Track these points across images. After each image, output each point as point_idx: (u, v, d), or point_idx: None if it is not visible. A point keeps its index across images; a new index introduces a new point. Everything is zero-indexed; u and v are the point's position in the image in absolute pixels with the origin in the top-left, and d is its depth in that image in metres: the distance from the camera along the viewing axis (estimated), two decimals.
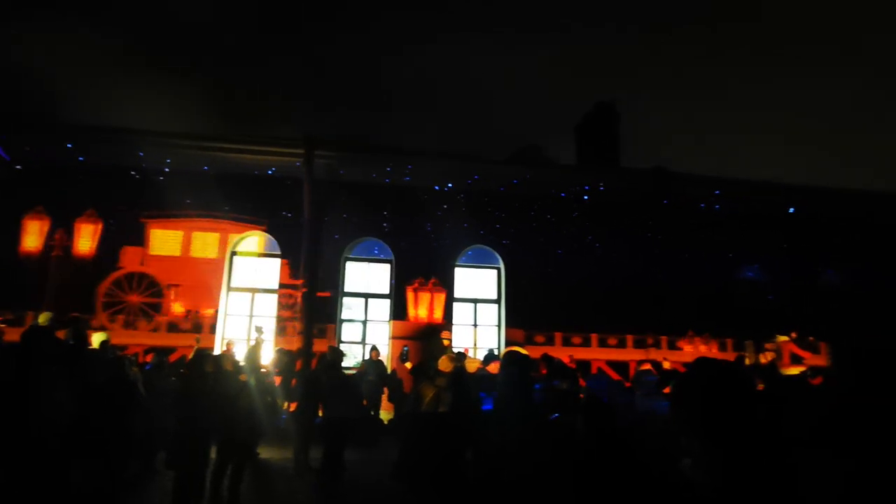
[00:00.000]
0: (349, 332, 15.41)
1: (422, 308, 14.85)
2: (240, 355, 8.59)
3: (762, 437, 1.57)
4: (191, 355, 6.82)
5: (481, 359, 10.50)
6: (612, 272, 15.58)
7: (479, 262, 16.26)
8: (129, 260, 13.97)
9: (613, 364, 14.85)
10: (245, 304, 15.09)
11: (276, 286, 14.86)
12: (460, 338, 15.32)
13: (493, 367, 8.07)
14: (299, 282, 14.08)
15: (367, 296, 15.69)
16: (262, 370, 7.88)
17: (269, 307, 14.86)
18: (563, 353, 12.38)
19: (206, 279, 14.38)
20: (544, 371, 6.91)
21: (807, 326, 15.16)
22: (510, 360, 4.02)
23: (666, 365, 11.52)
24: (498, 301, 16.05)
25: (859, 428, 1.39)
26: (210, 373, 5.58)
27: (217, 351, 12.23)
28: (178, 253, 14.27)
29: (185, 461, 5.15)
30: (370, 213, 15.19)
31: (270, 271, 15.17)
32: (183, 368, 8.83)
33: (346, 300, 15.57)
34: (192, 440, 5.15)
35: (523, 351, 4.12)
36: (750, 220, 16.63)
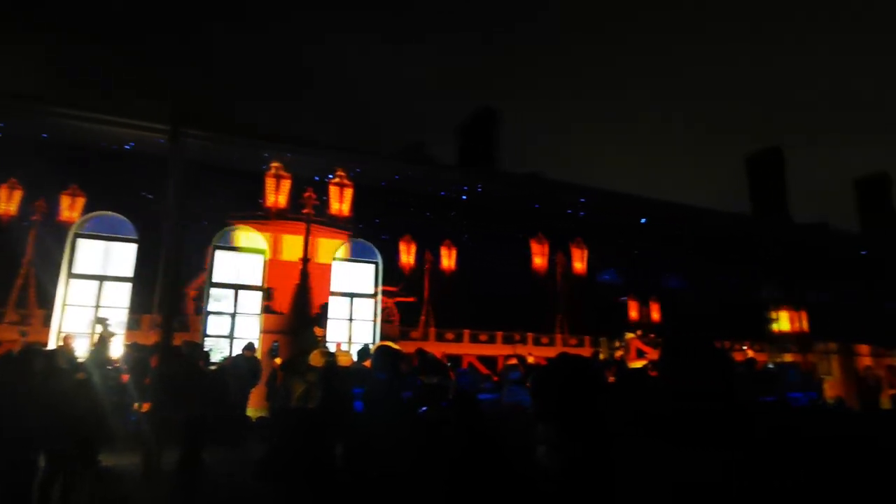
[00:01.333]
0: (217, 325, 14.44)
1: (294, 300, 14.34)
2: (82, 350, 7.65)
3: (604, 423, 1.76)
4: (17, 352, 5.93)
5: (355, 354, 10.40)
6: (486, 271, 16.25)
7: (358, 256, 16.08)
8: None
9: (483, 359, 15.51)
10: (90, 294, 13.49)
11: (130, 274, 13.49)
12: (335, 332, 15.04)
13: (368, 363, 8.04)
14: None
15: (238, 287, 14.79)
16: (109, 367, 7.09)
17: (119, 298, 13.42)
18: (436, 349, 12.68)
19: None
20: (416, 365, 7.02)
21: (650, 325, 17.11)
22: (381, 354, 4.03)
23: (530, 360, 12.28)
24: (375, 296, 15.99)
25: (681, 414, 1.55)
26: (39, 371, 4.90)
27: (52, 346, 10.77)
28: None
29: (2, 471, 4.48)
30: (245, 201, 14.33)
31: (122, 257, 13.73)
32: None
33: (213, 291, 14.55)
34: (12, 447, 4.49)
35: (395, 346, 4.16)
36: (609, 227, 18.30)
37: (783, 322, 19.55)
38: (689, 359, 1.54)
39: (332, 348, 11.91)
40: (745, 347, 16.44)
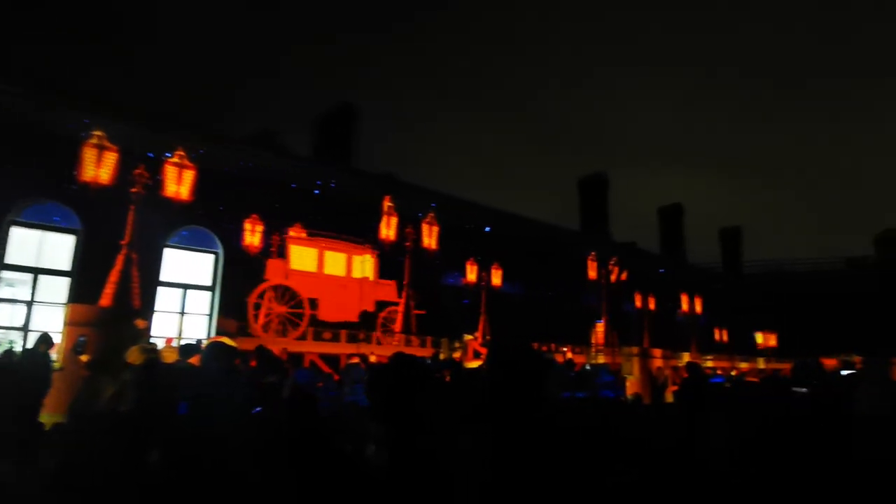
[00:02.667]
0: (8, 314, 12.24)
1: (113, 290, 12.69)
2: None
3: (428, 421, 1.88)
4: None
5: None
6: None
7: (195, 244, 14.79)
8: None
9: (327, 357, 15.22)
10: None
11: None
12: (163, 326, 13.64)
13: (197, 359, 7.42)
14: None
15: (38, 271, 12.68)
16: None
17: None
18: (277, 346, 12.15)
19: None
20: (254, 364, 6.67)
21: (486, 327, 18.26)
22: (213, 351, 3.77)
23: (372, 359, 12.34)
24: (213, 288, 14.84)
25: (504, 409, 1.70)
26: None
27: None
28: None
29: None
30: (53, 169, 12.34)
31: None
32: None
33: (5, 275, 12.31)
34: None
35: (230, 342, 3.91)
36: (457, 232, 19.14)
37: (599, 329, 22.16)
38: (509, 359, 1.72)
39: (160, 344, 10.79)
40: (565, 350, 18.30)
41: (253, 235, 14.73)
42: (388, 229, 16.85)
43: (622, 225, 33.70)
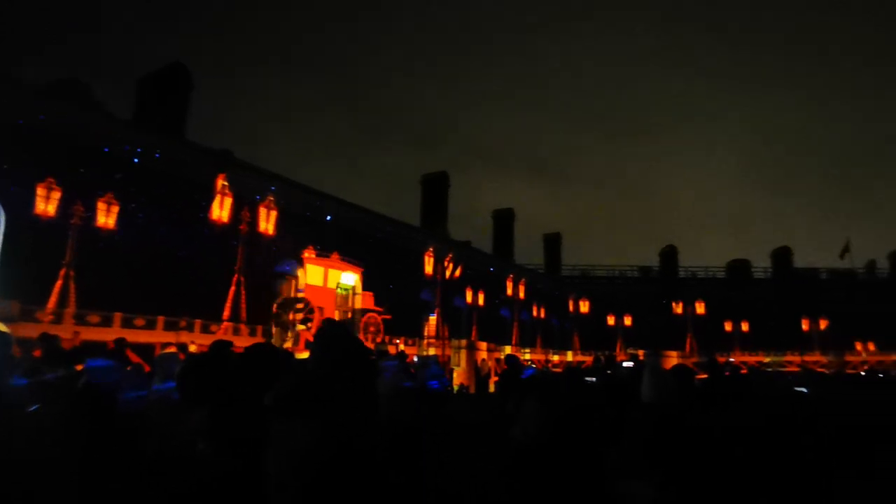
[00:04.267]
0: None
1: None
2: None
3: (250, 409, 1.80)
4: None
5: None
6: (154, 248, 14.33)
7: None
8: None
9: (140, 347, 13.56)
10: None
11: None
12: None
13: None
14: None
15: None
16: None
17: None
18: (70, 332, 10.52)
19: None
20: (38, 354, 5.67)
21: (319, 318, 17.88)
22: None
23: (192, 348, 11.31)
24: None
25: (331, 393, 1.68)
26: None
27: None
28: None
29: None
30: None
31: None
32: None
33: None
34: None
35: (3, 328, 3.27)
36: (296, 218, 18.41)
37: (432, 322, 23.03)
38: (334, 348, 1.70)
39: None
40: (397, 341, 18.69)
41: (48, 203, 12.54)
42: (220, 210, 15.57)
43: (459, 224, 35.47)
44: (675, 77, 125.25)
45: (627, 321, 32.77)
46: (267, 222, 16.85)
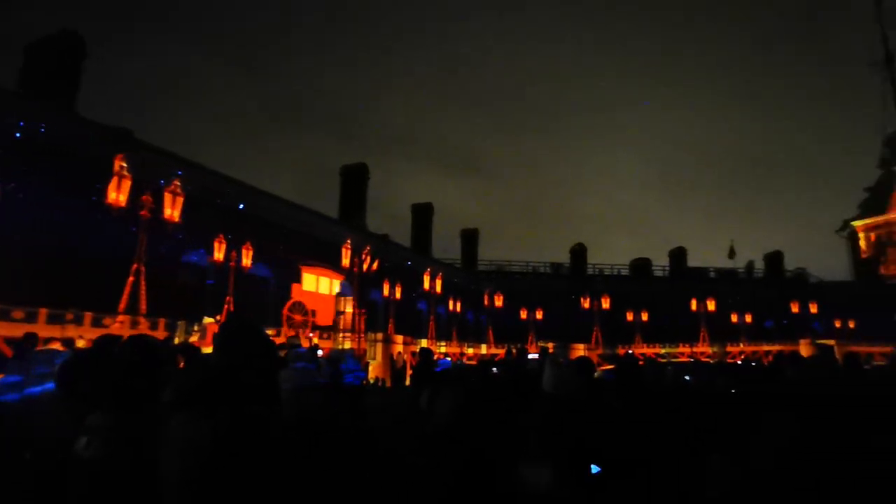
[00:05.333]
0: None
1: None
2: None
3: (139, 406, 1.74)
4: None
5: None
6: (38, 232, 13.01)
7: None
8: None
9: (16, 342, 12.26)
10: None
11: None
12: None
13: None
14: None
15: None
16: None
17: None
18: None
19: None
20: None
21: (233, 309, 17.09)
22: None
23: (80, 343, 10.42)
24: None
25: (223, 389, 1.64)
26: None
27: None
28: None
29: None
30: None
31: None
32: None
33: None
34: None
35: None
36: (205, 205, 17.41)
37: (348, 315, 22.71)
38: (238, 340, 1.67)
39: None
40: (311, 335, 18.31)
41: None
42: (118, 193, 14.39)
43: (378, 216, 35.20)
44: (586, 77, 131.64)
45: (539, 315, 34.14)
46: (172, 209, 15.81)
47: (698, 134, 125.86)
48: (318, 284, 23.28)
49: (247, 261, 18.26)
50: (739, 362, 22.83)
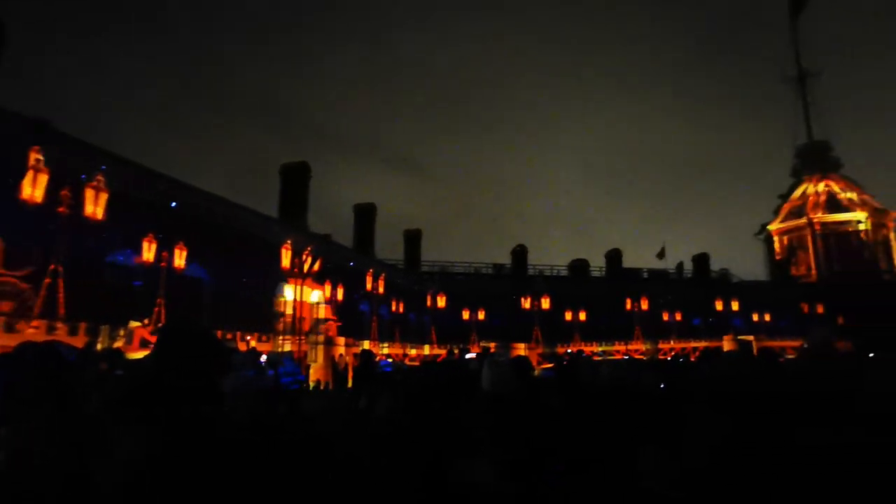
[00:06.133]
0: None
1: None
2: None
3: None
4: None
5: None
6: None
7: None
8: None
9: None
10: None
11: None
12: None
13: None
14: None
15: None
16: None
17: None
18: None
19: None
20: None
21: (164, 313, 16.26)
22: None
23: None
24: None
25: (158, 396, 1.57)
26: None
27: None
28: None
29: None
30: None
31: None
32: None
33: None
34: None
35: None
36: (133, 202, 16.48)
37: (288, 317, 22.14)
38: (177, 346, 1.60)
39: None
40: (249, 338, 17.71)
41: None
42: (33, 188, 13.36)
43: (320, 216, 34.53)
44: (526, 79, 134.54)
45: (481, 315, 34.54)
46: (95, 205, 14.84)
47: (634, 139, 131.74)
48: (301, 293, 23.20)
49: (179, 261, 17.42)
50: (669, 358, 24.04)
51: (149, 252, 16.47)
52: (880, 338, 18.94)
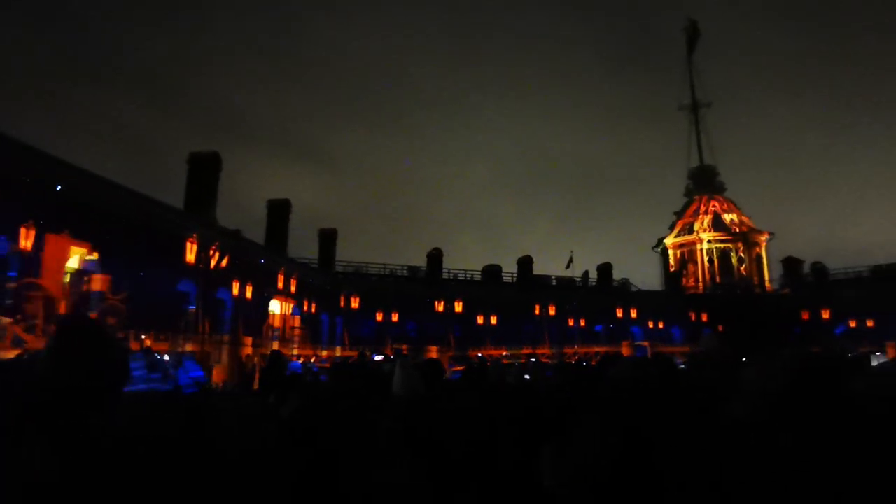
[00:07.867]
0: None
1: None
2: None
3: None
4: None
5: None
6: None
7: None
8: None
9: None
10: None
11: None
12: None
13: None
14: None
15: None
16: None
17: None
18: None
19: None
20: None
21: (39, 307, 14.72)
22: None
23: None
24: None
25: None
26: None
27: None
28: None
29: None
30: None
31: None
32: None
33: None
34: None
35: None
36: (8, 184, 14.80)
37: (190, 315, 20.88)
38: (78, 344, 1.47)
39: None
40: (144, 337, 16.51)
41: None
42: None
43: (230, 211, 32.91)
44: (440, 78, 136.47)
45: (395, 318, 34.46)
46: None
47: (545, 146, 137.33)
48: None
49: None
50: (573, 362, 25.29)
51: (26, 240, 14.86)
52: (751, 345, 21.10)
